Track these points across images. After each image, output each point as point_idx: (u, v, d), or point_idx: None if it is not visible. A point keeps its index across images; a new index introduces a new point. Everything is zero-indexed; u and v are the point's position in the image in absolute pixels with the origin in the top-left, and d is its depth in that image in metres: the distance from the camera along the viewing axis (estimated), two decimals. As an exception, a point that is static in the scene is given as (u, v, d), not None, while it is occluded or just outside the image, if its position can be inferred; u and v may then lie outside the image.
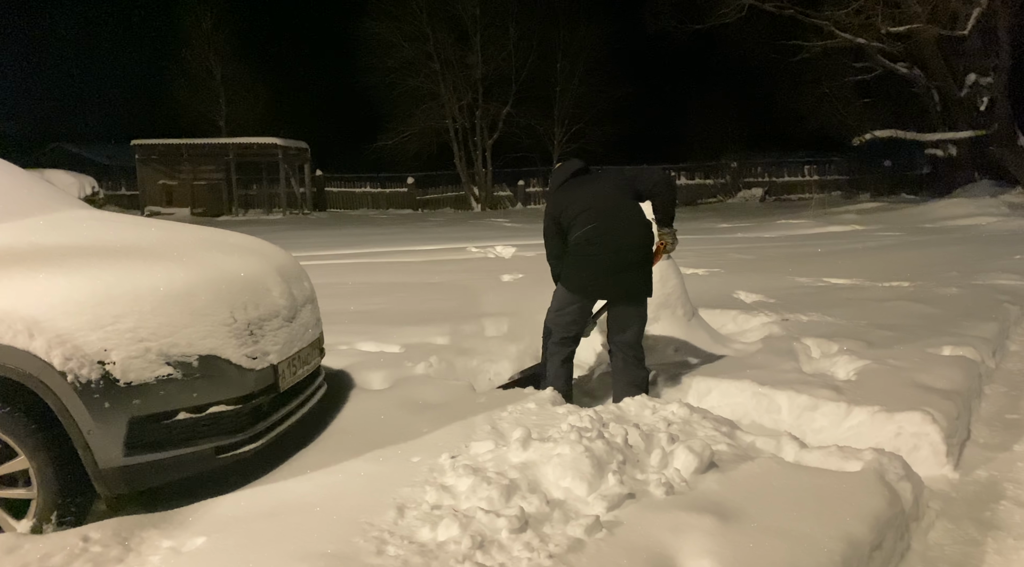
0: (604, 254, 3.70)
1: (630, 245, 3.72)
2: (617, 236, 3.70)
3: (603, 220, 3.71)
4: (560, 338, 3.91)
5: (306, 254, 11.18)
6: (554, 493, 2.55)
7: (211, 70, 28.01)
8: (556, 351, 3.94)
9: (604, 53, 25.84)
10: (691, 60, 30.36)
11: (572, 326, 3.90)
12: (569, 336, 3.91)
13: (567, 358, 3.97)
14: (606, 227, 3.70)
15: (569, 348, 3.95)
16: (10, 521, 2.49)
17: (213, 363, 2.67)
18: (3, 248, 2.75)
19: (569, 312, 3.86)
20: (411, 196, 27.60)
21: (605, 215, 3.72)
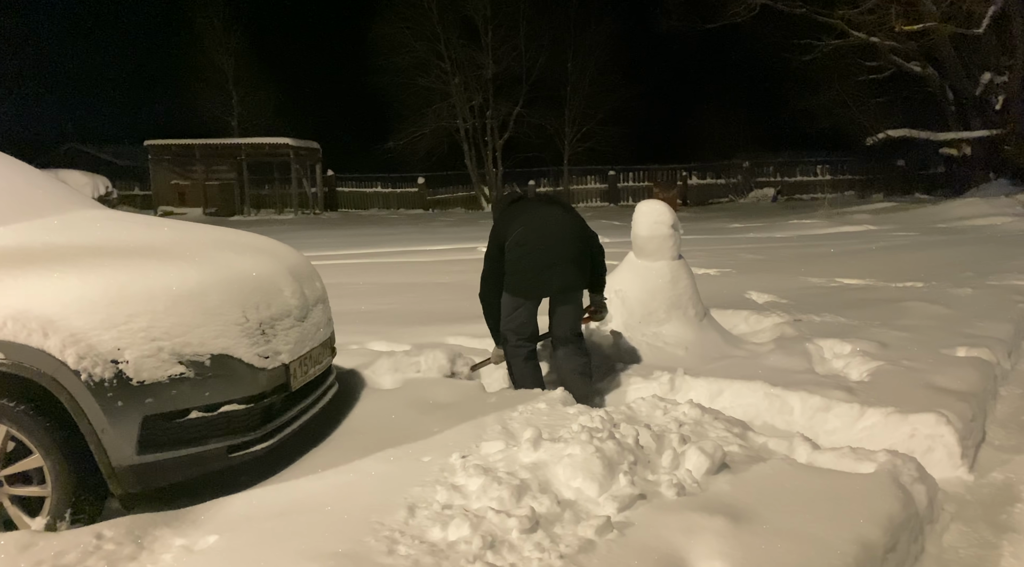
0: (534, 253, 3.91)
1: (559, 241, 3.92)
2: (545, 235, 3.93)
3: (533, 222, 3.97)
4: (516, 341, 4.05)
5: (317, 254, 11.22)
6: (565, 494, 2.54)
7: (224, 70, 28.15)
8: (516, 353, 4.07)
9: (615, 52, 25.82)
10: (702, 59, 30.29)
11: (524, 327, 4.04)
12: (524, 337, 4.05)
13: (528, 356, 4.09)
14: (535, 228, 3.95)
15: (527, 347, 4.08)
16: (25, 519, 2.51)
17: (225, 362, 2.68)
18: (18, 248, 2.78)
19: (517, 315, 4.02)
20: (422, 196, 27.66)
21: (534, 219, 3.99)
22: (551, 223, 3.98)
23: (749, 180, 26.78)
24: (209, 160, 25.38)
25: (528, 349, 4.09)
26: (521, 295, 4.00)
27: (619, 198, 26.68)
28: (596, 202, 27.26)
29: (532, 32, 25.60)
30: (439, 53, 25.87)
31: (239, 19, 28.15)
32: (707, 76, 31.05)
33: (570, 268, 3.94)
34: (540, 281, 3.95)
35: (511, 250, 3.97)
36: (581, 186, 27.81)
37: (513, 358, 4.08)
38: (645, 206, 4.76)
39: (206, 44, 27.84)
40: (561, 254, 3.92)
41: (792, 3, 19.40)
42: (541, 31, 25.56)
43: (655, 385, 4.05)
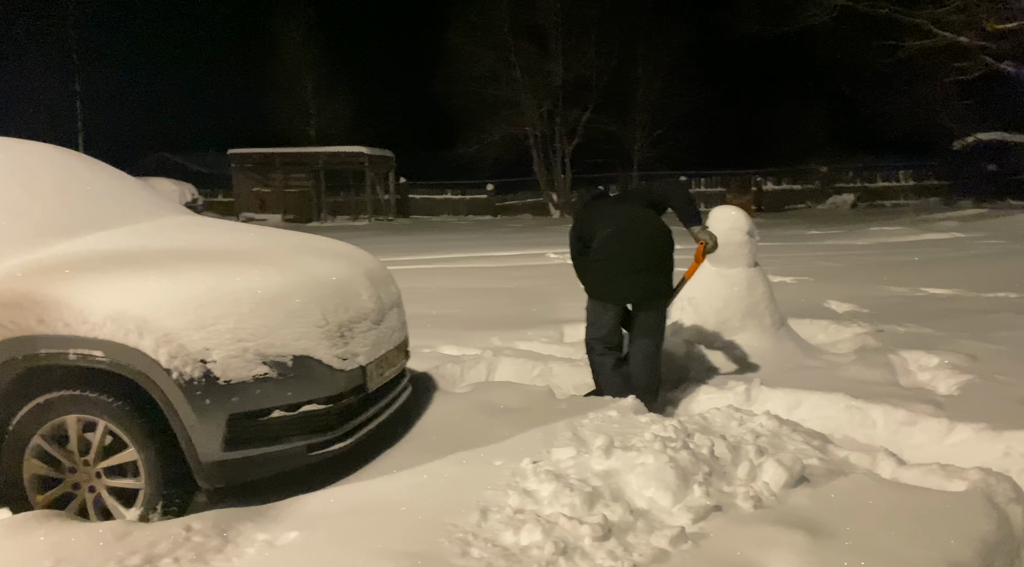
0: (620, 257, 3.83)
1: (645, 245, 3.84)
2: (631, 238, 3.84)
3: (618, 226, 3.86)
4: (602, 350, 3.98)
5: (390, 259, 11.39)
6: (638, 503, 2.52)
7: (302, 81, 29.10)
8: (602, 362, 3.99)
9: (686, 57, 25.43)
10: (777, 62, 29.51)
11: (611, 336, 3.96)
12: (611, 346, 3.98)
13: (615, 365, 4.00)
14: (621, 231, 3.85)
15: (614, 356, 3.99)
16: (121, 509, 2.65)
17: (306, 363, 2.77)
18: (116, 252, 2.94)
19: (603, 323, 3.95)
20: (490, 202, 27.88)
21: (620, 222, 3.88)
22: (637, 227, 3.87)
23: (827, 185, 25.93)
24: (288, 168, 26.24)
25: (615, 357, 3.99)
26: (605, 299, 3.92)
27: (691, 204, 26.26)
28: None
29: (603, 38, 25.50)
30: (509, 61, 26.05)
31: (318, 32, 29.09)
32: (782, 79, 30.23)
33: (656, 275, 3.86)
34: (625, 286, 3.87)
35: (596, 251, 3.89)
36: (651, 193, 27.46)
37: (600, 367, 4.00)
38: (720, 212, 4.68)
39: (286, 56, 28.84)
40: (648, 260, 3.83)
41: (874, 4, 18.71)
42: (612, 36, 25.43)
43: (730, 395, 3.97)
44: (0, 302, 2.56)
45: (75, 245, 2.95)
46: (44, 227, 3.02)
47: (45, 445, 2.63)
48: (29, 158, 3.51)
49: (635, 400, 3.65)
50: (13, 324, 2.53)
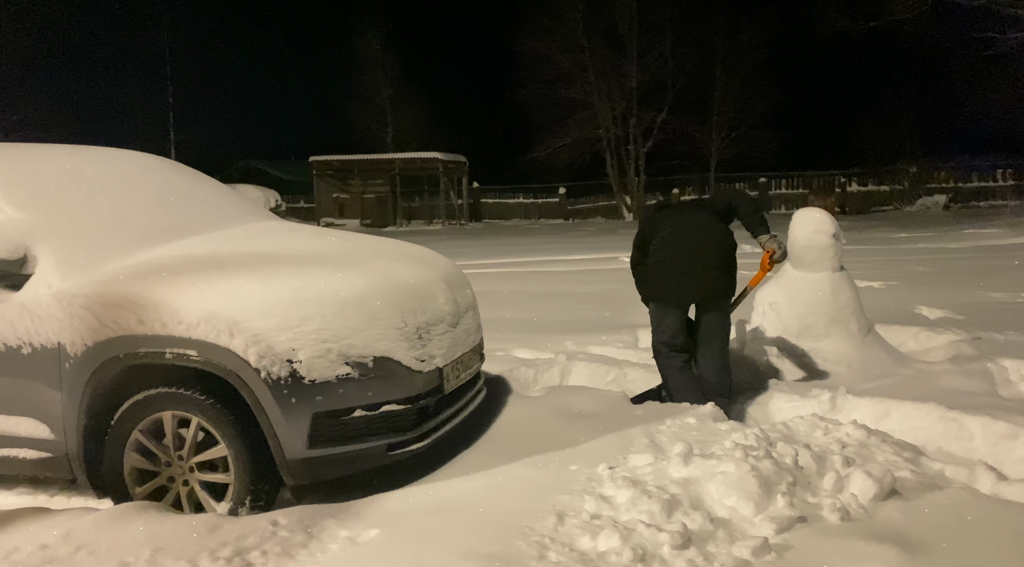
0: (675, 258, 3.85)
1: (702, 245, 3.82)
2: (689, 239, 3.85)
3: (676, 228, 3.90)
4: (668, 352, 3.97)
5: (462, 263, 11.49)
6: (718, 511, 2.47)
7: (380, 90, 29.82)
8: (669, 364, 3.99)
9: (767, 55, 24.78)
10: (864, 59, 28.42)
11: (675, 338, 3.95)
12: (676, 348, 3.97)
13: (682, 366, 3.99)
14: (679, 232, 3.89)
15: (680, 358, 3.98)
16: (212, 503, 2.76)
17: (386, 364, 2.83)
18: (208, 256, 3.07)
19: (667, 326, 3.94)
20: (562, 206, 27.83)
21: (679, 225, 3.92)
22: (694, 228, 3.89)
23: (917, 186, 24.76)
24: (366, 174, 26.89)
25: (682, 359, 3.98)
26: (665, 301, 3.94)
27: (770, 206, 25.54)
28: (745, 210, 26.23)
29: (679, 38, 25.10)
30: (583, 63, 25.96)
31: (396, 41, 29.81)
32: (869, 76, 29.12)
33: (714, 273, 3.84)
34: (683, 286, 3.87)
35: (653, 254, 3.94)
36: (728, 195, 26.87)
37: (668, 370, 4.00)
38: (804, 214, 4.53)
39: (366, 65, 29.64)
40: (705, 259, 3.82)
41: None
42: (688, 36, 25.01)
43: (814, 403, 3.83)
44: (104, 303, 2.71)
45: (171, 249, 3.11)
46: (143, 232, 3.19)
47: (143, 440, 2.78)
48: (129, 167, 3.72)
49: (714, 407, 3.57)
50: (115, 324, 2.68)
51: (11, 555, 2.31)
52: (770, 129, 24.67)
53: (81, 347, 2.72)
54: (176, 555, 2.26)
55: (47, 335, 2.76)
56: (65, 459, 2.84)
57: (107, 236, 3.07)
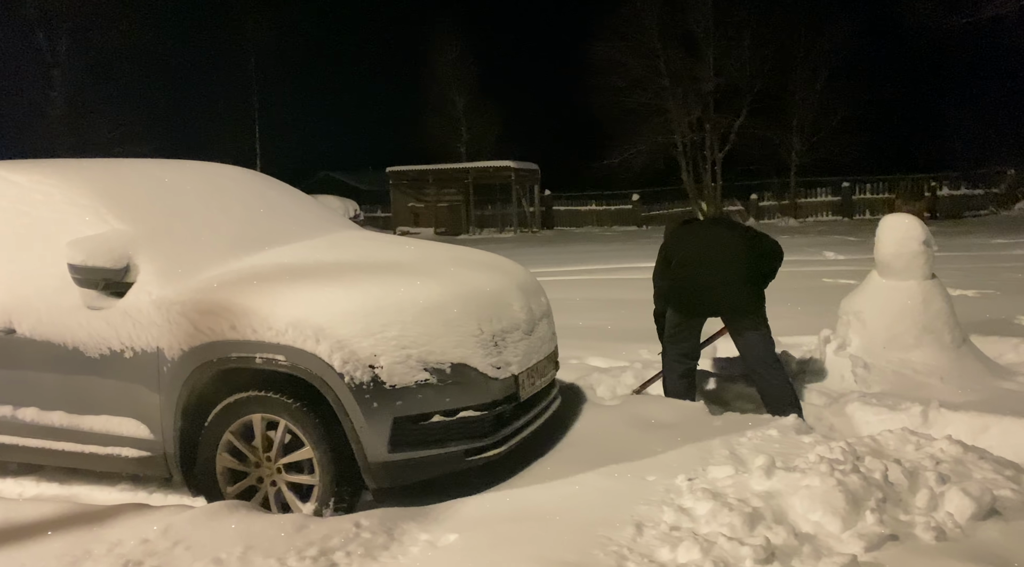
0: (697, 271, 3.90)
1: (723, 261, 3.86)
2: (710, 254, 3.90)
3: (700, 243, 4.00)
4: (675, 355, 4.07)
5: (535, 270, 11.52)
6: (803, 526, 2.40)
7: (454, 100, 30.29)
8: (673, 367, 4.09)
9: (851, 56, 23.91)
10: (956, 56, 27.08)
11: (683, 344, 4.05)
12: (683, 353, 4.06)
13: (684, 373, 4.08)
14: (702, 247, 3.96)
15: (685, 365, 4.08)
16: (298, 503, 2.87)
17: (463, 371, 2.87)
18: (296, 264, 3.19)
19: (678, 333, 4.03)
20: (635, 213, 27.55)
21: (703, 240, 4.02)
22: (717, 243, 3.96)
23: (1015, 189, 23.39)
24: (440, 183, 27.32)
25: (686, 366, 4.07)
26: (683, 312, 4.01)
27: (854, 212, 24.61)
28: (827, 216, 25.34)
29: (757, 40, 24.51)
30: (657, 69, 25.65)
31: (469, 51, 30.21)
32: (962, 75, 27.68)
33: (737, 289, 3.85)
34: (701, 300, 3.93)
35: (676, 269, 3.99)
36: (810, 199, 26.02)
37: (669, 372, 4.11)
38: (892, 220, 4.36)
39: (439, 76, 30.15)
40: (726, 275, 3.85)
41: (1074, -15, 16.71)
42: (767, 38, 24.39)
43: (903, 417, 3.68)
44: (199, 310, 2.85)
45: (261, 258, 3.24)
46: (235, 242, 3.34)
47: (234, 441, 2.90)
48: (222, 180, 3.90)
49: (796, 419, 3.49)
50: (210, 330, 2.81)
51: (115, 548, 2.45)
52: (854, 132, 23.76)
53: (178, 352, 2.86)
54: (266, 553, 2.36)
55: (147, 340, 2.92)
56: (163, 458, 2.99)
57: (202, 246, 3.23)
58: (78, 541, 2.51)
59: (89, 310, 2.99)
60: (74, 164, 3.68)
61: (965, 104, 25.94)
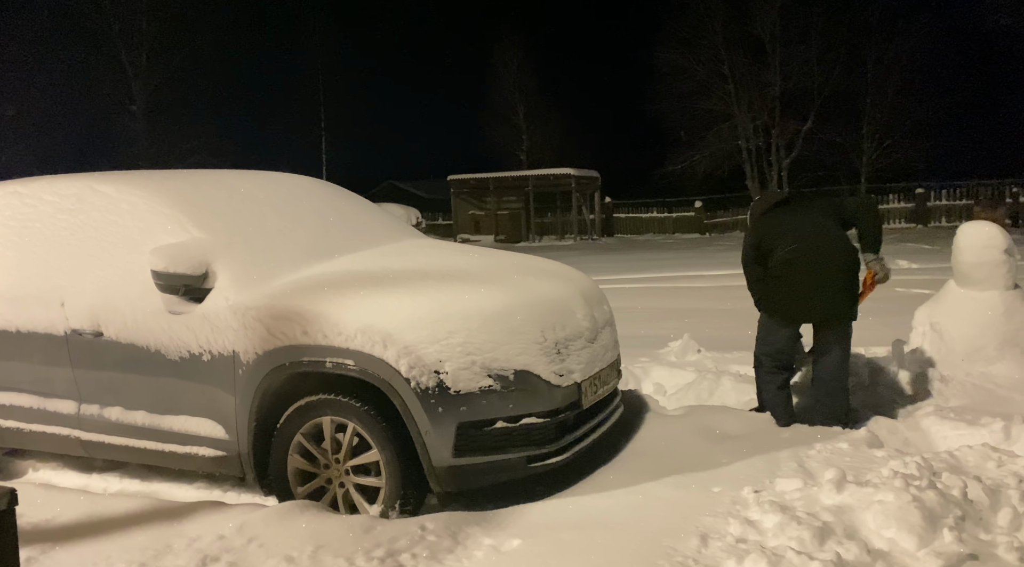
0: (803, 275, 3.66)
1: (830, 265, 3.64)
2: (817, 256, 3.65)
3: (803, 242, 3.68)
4: (771, 366, 3.86)
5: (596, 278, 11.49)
6: (875, 543, 2.33)
7: (515, 108, 30.50)
8: (769, 379, 3.88)
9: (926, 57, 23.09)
10: (1038, 56, 25.83)
11: (781, 354, 3.84)
12: (779, 364, 3.85)
13: (782, 385, 3.87)
14: (806, 248, 3.67)
15: (782, 375, 3.87)
16: (365, 505, 2.93)
17: (526, 378, 2.90)
18: (364, 271, 3.28)
19: (776, 340, 3.83)
20: (698, 220, 27.15)
21: (805, 238, 3.70)
22: (824, 240, 3.68)
23: (1104, 194, 22.12)
24: (501, 191, 27.51)
25: (783, 377, 3.89)
26: (785, 318, 3.80)
27: (929, 218, 23.69)
28: (900, 223, 24.43)
29: (825, 44, 23.92)
30: (722, 74, 25.32)
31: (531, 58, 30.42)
32: (1045, 74, 26.34)
33: (839, 295, 3.67)
34: (806, 306, 3.72)
35: (777, 267, 3.73)
36: (882, 205, 25.17)
37: (765, 385, 3.92)
38: (971, 228, 4.20)
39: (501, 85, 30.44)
40: (832, 277, 3.65)
41: None
42: (836, 42, 23.77)
43: (984, 432, 3.51)
44: (273, 315, 2.96)
45: (331, 265, 3.34)
46: (307, 250, 3.46)
47: (305, 443, 2.99)
48: (294, 190, 4.04)
49: (868, 432, 3.38)
50: (283, 335, 2.91)
51: (194, 543, 2.56)
52: (928, 136, 22.92)
53: (253, 355, 2.97)
54: (335, 553, 2.42)
55: (224, 343, 3.05)
56: (237, 458, 3.11)
57: (275, 253, 3.35)
58: (159, 535, 2.63)
59: (170, 314, 3.14)
60: (157, 175, 3.86)
61: (1050, 105, 24.69)
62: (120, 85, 24.90)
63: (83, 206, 3.52)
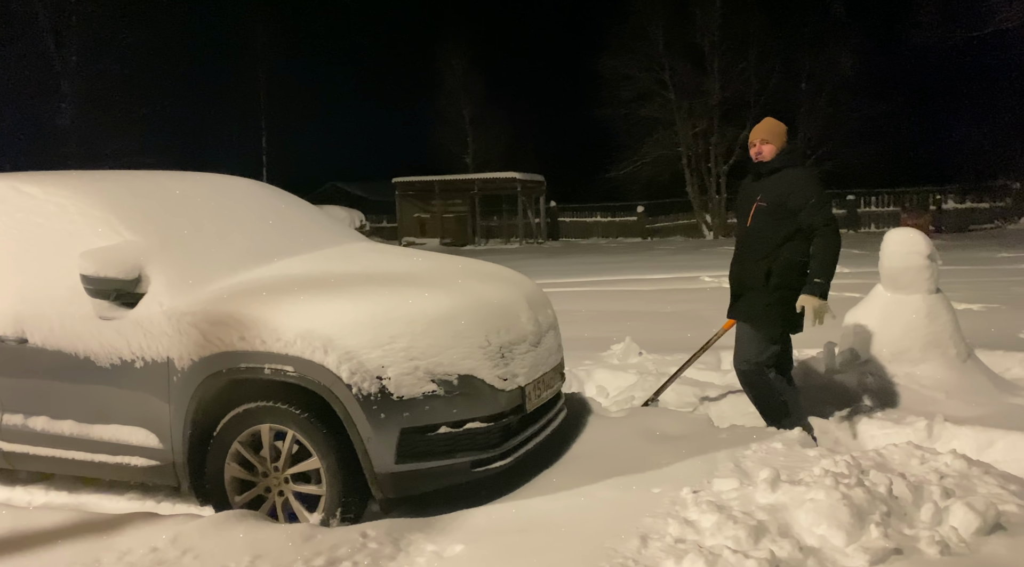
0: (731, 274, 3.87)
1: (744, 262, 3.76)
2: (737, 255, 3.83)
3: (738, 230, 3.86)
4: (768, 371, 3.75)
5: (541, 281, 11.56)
6: (807, 540, 2.41)
7: (461, 111, 30.48)
8: (778, 386, 3.75)
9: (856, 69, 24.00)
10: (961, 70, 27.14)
11: (773, 357, 3.74)
12: (772, 366, 3.77)
13: (790, 380, 3.90)
14: (738, 237, 3.86)
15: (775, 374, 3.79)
16: (305, 513, 2.88)
17: (470, 382, 2.89)
18: (305, 275, 3.23)
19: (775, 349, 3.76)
20: (640, 224, 27.60)
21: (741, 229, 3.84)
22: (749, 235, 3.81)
23: (1021, 203, 23.36)
24: (446, 194, 27.44)
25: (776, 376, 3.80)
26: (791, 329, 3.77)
27: (859, 224, 24.62)
28: (832, 229, 25.33)
29: (762, 54, 24.66)
30: (663, 82, 25.83)
31: (477, 64, 30.48)
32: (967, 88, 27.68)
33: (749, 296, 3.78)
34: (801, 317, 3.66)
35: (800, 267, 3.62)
36: (815, 212, 26.02)
37: (780, 391, 3.76)
38: (897, 234, 4.38)
39: (447, 88, 30.40)
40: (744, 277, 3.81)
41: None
42: (772, 52, 24.54)
43: (909, 431, 3.68)
44: (209, 321, 2.89)
45: (271, 269, 3.28)
46: (245, 253, 3.38)
47: (243, 451, 2.93)
48: (233, 192, 3.95)
49: (801, 432, 3.49)
50: (220, 341, 2.84)
51: (125, 557, 2.47)
52: (860, 145, 23.83)
53: (188, 362, 2.89)
54: (273, 563, 2.38)
55: (158, 350, 2.96)
56: (171, 467, 3.02)
57: (212, 257, 3.26)
58: (88, 549, 2.53)
59: (101, 320, 3.03)
60: (87, 176, 3.72)
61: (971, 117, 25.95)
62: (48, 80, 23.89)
63: (5, 207, 3.37)
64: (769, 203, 3.65)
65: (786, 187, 3.60)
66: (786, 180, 3.63)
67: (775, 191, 3.65)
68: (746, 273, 3.77)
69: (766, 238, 3.66)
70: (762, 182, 3.75)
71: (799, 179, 3.63)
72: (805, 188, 3.57)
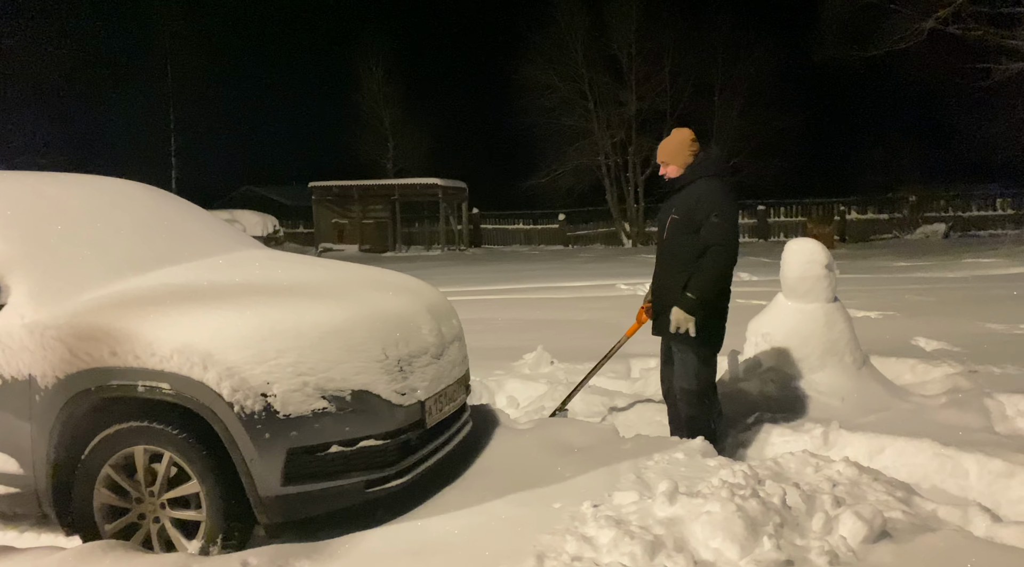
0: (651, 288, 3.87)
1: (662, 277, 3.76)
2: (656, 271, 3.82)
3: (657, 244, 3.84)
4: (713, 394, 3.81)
5: (461, 289, 11.52)
6: (702, 554, 2.39)
7: (380, 116, 30.08)
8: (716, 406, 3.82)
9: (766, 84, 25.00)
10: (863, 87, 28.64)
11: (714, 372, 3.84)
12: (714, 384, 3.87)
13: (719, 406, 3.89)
14: (657, 252, 3.83)
15: None
16: (183, 541, 2.68)
17: (365, 398, 2.76)
18: (185, 285, 3.02)
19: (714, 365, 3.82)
20: (562, 232, 27.88)
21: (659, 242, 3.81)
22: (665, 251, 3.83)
23: (916, 215, 24.79)
24: (366, 200, 26.96)
25: None
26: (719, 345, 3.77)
27: (769, 234, 25.57)
28: (745, 238, 26.22)
29: (677, 67, 25.36)
30: (582, 92, 26.20)
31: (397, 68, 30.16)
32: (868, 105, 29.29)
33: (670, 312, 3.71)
34: None
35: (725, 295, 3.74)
36: (727, 222, 26.88)
37: (712, 413, 3.77)
38: (796, 244, 4.49)
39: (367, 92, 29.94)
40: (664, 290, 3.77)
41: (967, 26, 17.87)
42: (687, 66, 25.27)
43: (806, 438, 3.76)
44: (77, 335, 2.66)
45: (149, 279, 3.06)
46: (122, 261, 3.14)
47: (114, 475, 2.70)
48: (113, 196, 3.68)
49: (703, 441, 3.50)
50: (88, 356, 2.62)
51: (-31, 597, 2.23)
52: (769, 157, 24.80)
53: (52, 379, 2.66)
54: (139, 598, 2.18)
55: (18, 367, 2.70)
56: (34, 495, 2.76)
57: (84, 266, 3.02)
58: (-73, 591, 2.28)
59: (-47, 334, 2.75)
60: (-55, 175, 3.41)
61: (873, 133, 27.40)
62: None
63: None
64: (681, 216, 3.65)
65: (695, 200, 3.61)
66: (695, 192, 3.63)
67: (686, 204, 3.65)
68: (664, 288, 3.74)
69: (682, 251, 3.64)
70: (679, 194, 3.75)
71: (707, 192, 3.60)
72: (710, 202, 3.56)
